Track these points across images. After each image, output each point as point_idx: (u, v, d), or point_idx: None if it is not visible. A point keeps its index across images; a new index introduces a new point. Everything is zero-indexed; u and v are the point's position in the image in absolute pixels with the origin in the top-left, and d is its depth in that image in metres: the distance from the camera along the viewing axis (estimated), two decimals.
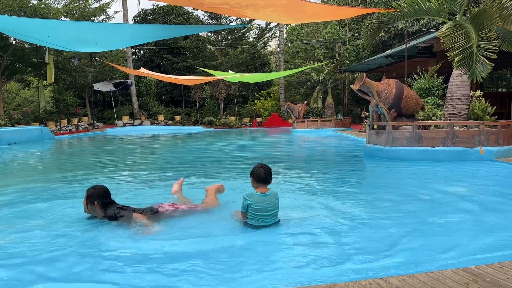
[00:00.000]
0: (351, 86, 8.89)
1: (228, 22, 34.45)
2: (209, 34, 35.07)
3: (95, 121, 28.63)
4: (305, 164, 9.25)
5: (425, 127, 8.43)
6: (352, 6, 25.97)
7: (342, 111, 26.76)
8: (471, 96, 9.27)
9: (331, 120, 21.28)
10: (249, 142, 17.77)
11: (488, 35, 7.81)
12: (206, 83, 30.21)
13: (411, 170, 7.42)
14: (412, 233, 3.63)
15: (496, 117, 9.08)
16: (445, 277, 2.43)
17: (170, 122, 30.77)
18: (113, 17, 32.12)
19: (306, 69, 22.22)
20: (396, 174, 7.25)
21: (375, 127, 9.18)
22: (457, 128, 8.23)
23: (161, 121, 30.55)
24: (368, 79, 8.56)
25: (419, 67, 21.06)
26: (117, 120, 29.65)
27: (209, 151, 13.27)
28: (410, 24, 22.66)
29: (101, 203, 4.12)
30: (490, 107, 8.87)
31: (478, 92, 10.00)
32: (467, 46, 7.90)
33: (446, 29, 8.26)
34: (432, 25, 22.64)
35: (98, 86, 28.25)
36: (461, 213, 4.27)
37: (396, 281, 2.38)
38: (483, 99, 9.20)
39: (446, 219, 4.07)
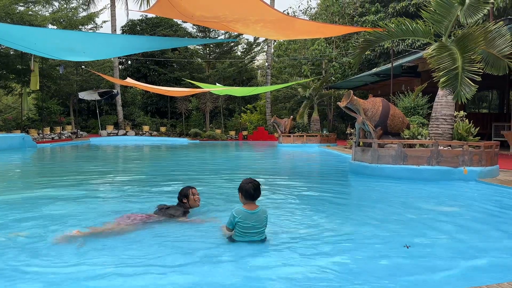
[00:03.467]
0: (338, 103, 8.96)
1: (216, 36, 34.64)
2: (197, 47, 35.16)
3: (78, 130, 28.26)
4: (291, 180, 9.23)
5: (410, 146, 8.52)
6: (340, 24, 26.42)
7: (327, 127, 26.98)
8: (455, 116, 9.44)
9: (316, 136, 21.40)
10: (235, 156, 17.72)
11: (472, 57, 7.99)
12: (192, 95, 30.21)
13: (396, 189, 7.46)
14: (400, 253, 3.62)
15: (479, 137, 9.26)
16: None
17: (155, 133, 30.56)
18: (101, 27, 31.97)
19: (293, 84, 22.42)
20: (381, 192, 7.28)
21: (361, 144, 9.24)
22: (442, 147, 8.34)
23: (146, 131, 30.32)
24: (355, 97, 8.64)
25: (403, 86, 21.44)
26: (101, 130, 29.33)
27: (193, 164, 13.17)
28: (396, 43, 23.16)
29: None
30: (473, 127, 9.04)
31: (462, 113, 10.20)
32: (452, 67, 8.08)
33: (432, 50, 8.44)
34: (417, 45, 23.17)
35: (83, 95, 27.97)
36: (446, 234, 4.29)
37: None
38: (467, 119, 9.37)
39: (432, 239, 4.08)
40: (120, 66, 33.64)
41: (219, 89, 20.53)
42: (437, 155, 8.19)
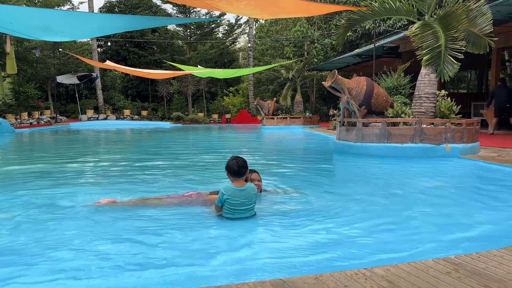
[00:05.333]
0: (323, 82, 8.95)
1: (197, 17, 34.08)
2: (178, 28, 34.59)
3: (57, 115, 27.66)
4: (277, 160, 9.25)
5: (394, 124, 8.60)
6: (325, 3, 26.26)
7: (310, 109, 27.03)
8: (437, 95, 9.54)
9: (300, 118, 21.45)
10: (218, 138, 17.66)
11: (455, 35, 8.05)
12: (174, 78, 29.82)
13: (381, 166, 7.56)
14: (389, 225, 3.67)
15: (461, 115, 9.40)
16: (427, 266, 2.46)
17: (136, 117, 30.17)
18: (78, 8, 31.12)
19: (275, 66, 22.30)
20: (366, 170, 7.36)
21: (346, 123, 9.28)
22: (425, 125, 8.44)
23: (127, 115, 29.89)
24: (339, 76, 8.64)
25: (385, 66, 21.59)
26: (81, 114, 28.78)
27: (176, 147, 13.07)
28: (377, 24, 23.15)
29: None
30: (455, 106, 9.16)
31: (443, 92, 10.32)
32: (435, 45, 8.13)
33: (415, 29, 8.47)
34: (398, 26, 23.21)
35: (61, 79, 27.29)
36: (433, 207, 4.37)
37: (381, 271, 2.39)
38: (448, 98, 9.49)
39: (420, 212, 4.14)
40: (99, 49, 32.87)
41: (201, 71, 20.27)
42: (421, 133, 8.29)
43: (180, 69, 20.12)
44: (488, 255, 2.64)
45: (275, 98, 23.44)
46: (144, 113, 30.65)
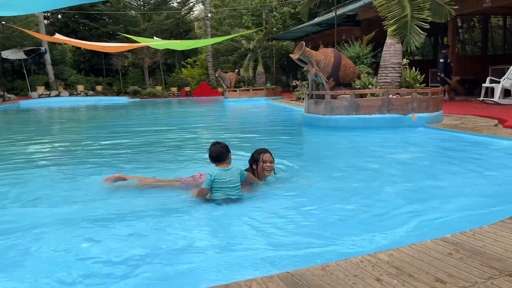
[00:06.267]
0: (291, 55, 8.82)
1: None
2: None
3: (5, 93, 26.01)
4: (247, 137, 9.14)
5: (362, 96, 8.66)
6: None
7: (270, 80, 26.90)
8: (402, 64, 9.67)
9: (263, 89, 21.30)
10: (181, 113, 17.28)
11: (421, 5, 8.09)
12: (128, 51, 28.64)
13: (352, 139, 7.64)
14: (374, 204, 3.70)
15: (424, 84, 9.60)
16: (428, 248, 2.47)
17: (91, 92, 28.92)
18: None
19: (235, 36, 21.85)
20: (338, 143, 7.42)
21: (314, 96, 9.26)
22: (392, 96, 8.55)
23: (80, 91, 28.59)
24: (307, 48, 8.53)
25: (344, 35, 21.68)
26: (31, 91, 27.21)
27: (137, 124, 12.65)
28: None
29: None
30: (419, 75, 9.34)
31: (405, 60, 10.46)
32: (401, 15, 8.15)
33: None
34: None
35: (6, 54, 25.55)
36: (412, 182, 4.43)
37: (385, 256, 2.38)
38: (413, 67, 9.64)
39: (397, 189, 4.19)
40: (46, 21, 30.88)
41: (158, 43, 19.53)
42: (388, 103, 8.41)
43: (135, 41, 19.30)
44: (482, 232, 2.69)
45: (236, 70, 23.10)
46: (98, 88, 29.42)
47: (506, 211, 3.32)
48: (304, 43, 8.61)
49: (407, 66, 10.31)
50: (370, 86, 8.83)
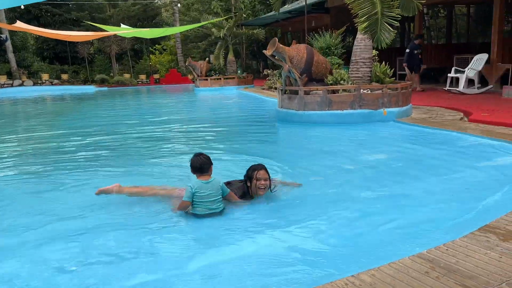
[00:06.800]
0: (264, 51, 8.85)
1: None
2: None
3: None
4: (219, 131, 9.18)
5: (334, 92, 8.82)
6: None
7: (241, 66, 26.77)
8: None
9: (234, 78, 21.21)
10: (151, 104, 17.04)
11: (391, 2, 8.25)
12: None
13: (325, 136, 7.83)
14: (350, 216, 3.83)
15: (394, 78, 9.85)
16: (407, 267, 2.63)
17: (56, 81, 28.01)
18: None
19: (206, 24, 21.56)
20: (312, 141, 7.59)
21: (288, 92, 9.35)
22: (363, 91, 8.75)
23: (45, 80, 27.63)
24: (280, 45, 8.57)
25: (314, 22, 21.80)
26: None
27: (107, 119, 12.41)
28: None
29: None
30: (389, 69, 9.57)
31: (374, 52, 10.66)
32: (372, 12, 8.29)
33: None
34: None
35: None
36: (386, 187, 4.60)
37: (367, 277, 2.52)
38: (381, 55, 9.84)
39: (372, 195, 4.34)
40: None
41: (127, 32, 19.08)
42: (360, 99, 8.60)
43: (102, 30, 18.77)
44: (455, 247, 2.88)
45: (207, 58, 22.87)
46: (64, 76, 28.51)
47: (474, 219, 3.54)
48: (277, 39, 8.65)
49: (376, 57, 10.54)
50: (342, 81, 8.99)
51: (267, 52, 8.65)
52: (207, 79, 20.88)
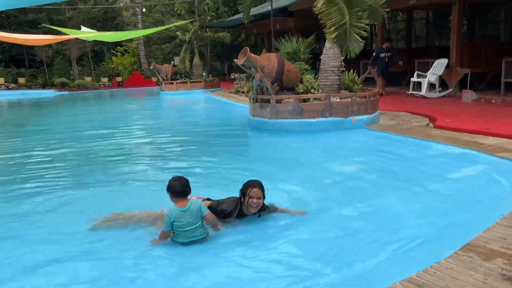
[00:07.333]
0: (235, 60, 8.81)
1: None
2: None
3: None
4: (191, 141, 9.07)
5: (305, 100, 8.91)
6: None
7: (206, 68, 26.58)
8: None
9: (200, 82, 21.03)
10: (116, 110, 16.61)
11: (359, 13, 8.41)
12: None
13: (297, 145, 7.92)
14: (331, 236, 3.89)
15: (361, 85, 10.07)
16: None
17: (12, 85, 26.86)
18: None
19: (170, 27, 21.24)
20: (284, 152, 7.66)
21: (259, 100, 9.37)
22: (333, 99, 8.88)
23: (1, 84, 26.44)
24: (252, 54, 8.57)
25: (278, 25, 21.94)
26: None
27: (70, 127, 11.98)
28: None
29: None
30: (357, 77, 9.78)
31: (342, 57, 10.85)
32: (341, 23, 8.42)
33: (321, 5, 8.65)
34: None
35: None
36: (361, 203, 4.65)
37: None
38: (351, 70, 10.06)
39: (351, 213, 4.42)
40: None
41: (88, 36, 18.45)
42: (330, 107, 8.73)
43: (62, 33, 18.10)
44: (441, 269, 2.96)
45: (172, 62, 22.55)
46: (21, 80, 27.36)
47: (454, 235, 3.68)
48: (248, 49, 8.64)
49: (343, 63, 10.67)
50: (312, 90, 9.10)
51: (239, 62, 8.63)
52: (172, 83, 20.59)
